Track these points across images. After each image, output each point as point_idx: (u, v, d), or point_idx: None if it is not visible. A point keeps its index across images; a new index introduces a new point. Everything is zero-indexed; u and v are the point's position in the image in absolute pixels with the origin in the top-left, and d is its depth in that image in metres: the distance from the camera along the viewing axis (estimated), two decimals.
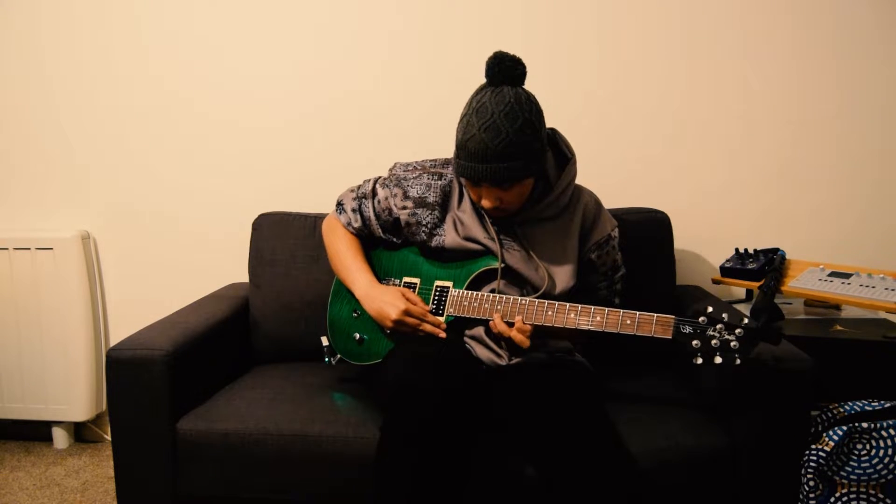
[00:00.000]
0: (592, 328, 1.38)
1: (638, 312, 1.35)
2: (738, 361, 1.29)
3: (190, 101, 2.14)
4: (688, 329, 1.32)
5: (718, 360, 1.29)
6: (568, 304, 1.40)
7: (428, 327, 1.48)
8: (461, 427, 1.35)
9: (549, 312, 1.41)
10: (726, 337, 1.29)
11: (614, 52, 2.01)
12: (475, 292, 1.49)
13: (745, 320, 1.31)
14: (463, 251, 1.53)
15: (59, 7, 2.13)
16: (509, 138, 1.33)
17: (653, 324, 1.34)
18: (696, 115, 2.01)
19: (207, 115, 2.14)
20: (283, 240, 1.92)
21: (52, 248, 2.14)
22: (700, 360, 1.30)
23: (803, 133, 1.99)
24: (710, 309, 1.32)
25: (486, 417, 1.45)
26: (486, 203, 1.42)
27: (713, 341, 1.30)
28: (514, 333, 1.39)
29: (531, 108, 1.36)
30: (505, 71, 1.36)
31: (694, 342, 1.31)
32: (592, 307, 1.38)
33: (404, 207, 1.57)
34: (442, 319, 1.49)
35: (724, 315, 1.31)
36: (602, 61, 2.01)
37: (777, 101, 1.99)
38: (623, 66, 2.01)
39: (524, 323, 1.40)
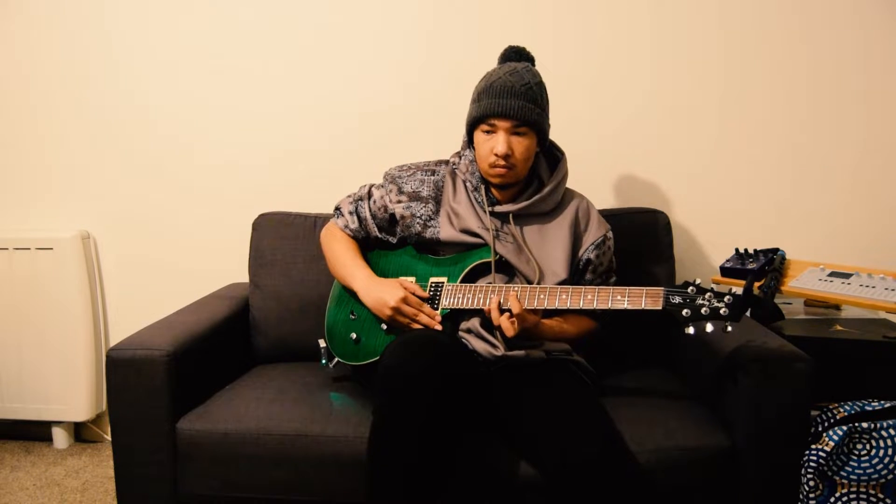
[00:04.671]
0: (584, 307, 1.40)
1: (628, 287, 1.38)
2: (729, 328, 1.30)
3: (191, 101, 2.14)
4: (677, 299, 1.33)
5: (709, 327, 1.30)
6: (559, 287, 1.43)
7: (424, 318, 1.49)
8: (459, 414, 1.36)
9: (542, 296, 1.43)
10: (715, 304, 1.31)
11: (615, 52, 2.01)
12: (469, 284, 1.51)
13: (734, 289, 1.32)
14: (458, 244, 1.57)
15: (60, 6, 2.13)
16: (531, 85, 1.49)
17: (643, 296, 1.36)
18: (696, 116, 2.01)
19: (208, 114, 2.14)
20: (283, 240, 1.92)
21: (52, 248, 2.14)
22: (692, 330, 1.32)
23: (804, 133, 1.99)
24: (698, 280, 1.35)
25: (483, 410, 1.45)
26: (500, 148, 1.47)
27: (703, 309, 1.31)
28: (502, 319, 1.41)
29: (544, 81, 1.54)
30: (519, 51, 1.57)
31: (684, 311, 1.32)
32: (583, 287, 1.42)
33: (399, 201, 1.62)
34: (437, 312, 1.50)
35: (712, 284, 1.33)
36: (602, 62, 2.01)
37: (778, 101, 1.98)
38: (624, 67, 2.01)
39: (518, 300, 1.40)
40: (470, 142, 1.58)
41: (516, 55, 1.57)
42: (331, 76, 2.09)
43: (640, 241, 1.83)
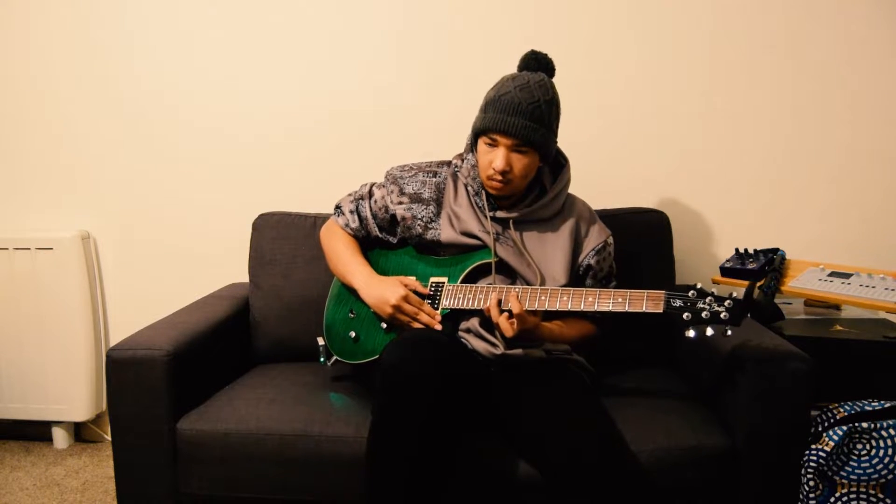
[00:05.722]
0: (585, 308, 1.39)
1: (629, 290, 1.38)
2: (729, 332, 1.30)
3: (191, 102, 2.14)
4: (678, 303, 1.33)
5: (710, 331, 1.30)
6: (560, 289, 1.43)
7: (424, 318, 1.49)
8: (459, 414, 1.36)
9: (543, 297, 1.43)
10: (716, 308, 1.31)
11: (616, 53, 2.01)
12: (470, 284, 1.51)
13: (734, 293, 1.32)
14: (458, 246, 1.57)
15: (61, 7, 2.13)
16: (540, 104, 1.45)
17: (644, 299, 1.36)
18: (696, 116, 2.01)
19: (208, 115, 2.14)
20: (283, 240, 1.92)
21: (52, 248, 2.14)
22: (692, 333, 1.32)
23: (804, 133, 1.99)
24: (699, 284, 1.35)
25: (483, 410, 1.45)
26: (498, 164, 1.45)
27: (703, 313, 1.31)
28: (501, 319, 1.40)
29: (557, 97, 1.51)
30: (540, 59, 1.52)
31: (685, 315, 1.32)
32: (584, 289, 1.42)
33: (400, 203, 1.61)
34: (438, 312, 1.50)
35: (713, 289, 1.34)
36: (603, 63, 2.01)
37: (777, 101, 1.98)
38: (624, 68, 2.01)
39: (518, 301, 1.40)
40: (474, 145, 1.57)
41: (535, 63, 1.52)
42: (332, 78, 2.09)
43: (640, 241, 1.83)
